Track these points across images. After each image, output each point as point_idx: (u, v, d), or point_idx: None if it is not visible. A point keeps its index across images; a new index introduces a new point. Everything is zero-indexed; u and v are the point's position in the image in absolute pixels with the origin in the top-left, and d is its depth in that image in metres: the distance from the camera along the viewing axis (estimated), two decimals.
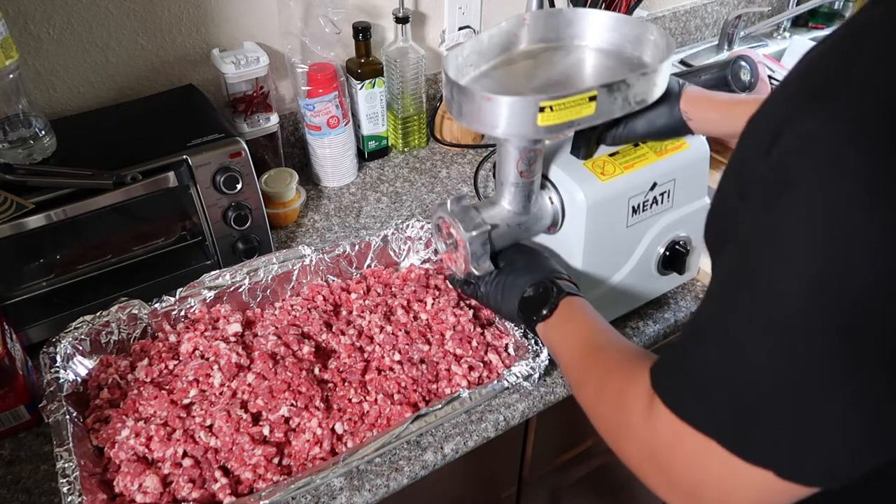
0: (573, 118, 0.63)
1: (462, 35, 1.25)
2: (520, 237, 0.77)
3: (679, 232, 0.82)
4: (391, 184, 1.14)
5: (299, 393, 0.73)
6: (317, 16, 0.99)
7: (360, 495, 0.69)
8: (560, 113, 0.62)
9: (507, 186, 0.73)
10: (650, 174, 0.77)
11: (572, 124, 0.64)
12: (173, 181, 0.79)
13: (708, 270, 0.93)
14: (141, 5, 0.94)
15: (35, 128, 0.78)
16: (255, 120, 1.04)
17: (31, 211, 0.72)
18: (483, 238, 0.71)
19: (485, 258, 0.73)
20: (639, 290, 0.85)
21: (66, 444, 0.65)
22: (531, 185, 0.73)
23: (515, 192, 0.73)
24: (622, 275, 0.82)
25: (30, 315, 0.80)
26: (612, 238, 0.78)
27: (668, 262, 0.83)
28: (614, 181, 0.75)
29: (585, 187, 0.74)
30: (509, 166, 0.71)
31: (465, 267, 0.73)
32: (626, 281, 0.82)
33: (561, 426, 0.95)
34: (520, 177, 0.71)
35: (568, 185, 0.75)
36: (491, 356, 0.78)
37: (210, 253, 0.90)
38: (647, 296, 0.88)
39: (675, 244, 0.82)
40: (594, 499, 1.25)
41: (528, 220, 0.76)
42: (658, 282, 0.86)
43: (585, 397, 0.58)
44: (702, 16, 1.61)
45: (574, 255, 0.78)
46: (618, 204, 0.76)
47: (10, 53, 0.73)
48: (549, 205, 0.77)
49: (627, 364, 0.54)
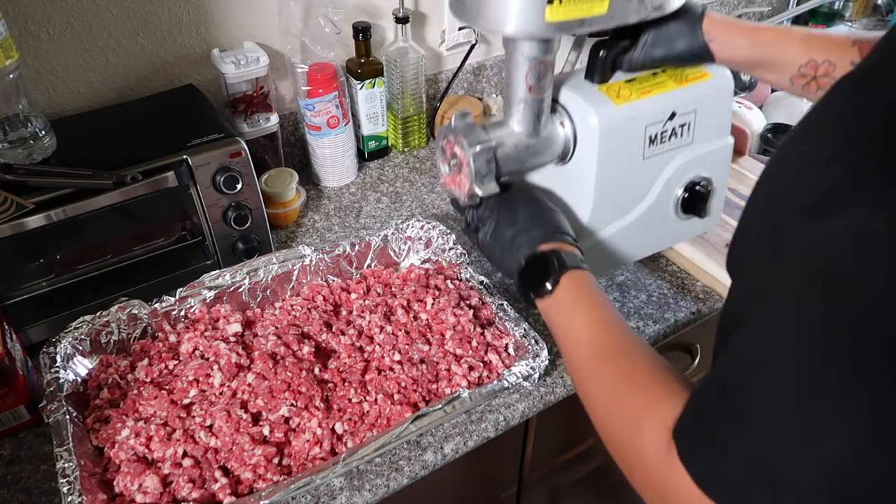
0: (584, 15, 0.59)
1: (462, 35, 1.25)
2: (528, 162, 0.72)
3: (700, 172, 0.76)
4: (391, 184, 1.14)
5: (299, 393, 0.73)
6: (317, 16, 0.99)
7: (360, 495, 0.69)
8: (569, 7, 0.58)
9: (514, 104, 0.68)
10: (669, 102, 0.72)
11: (583, 23, 0.60)
12: (173, 181, 0.79)
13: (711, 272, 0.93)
14: (141, 5, 0.94)
15: (35, 128, 0.78)
16: (255, 120, 1.04)
17: (31, 211, 0.72)
18: (488, 155, 0.67)
19: (490, 177, 0.68)
20: (656, 234, 0.80)
21: (66, 444, 0.65)
22: (541, 103, 0.68)
23: (524, 110, 0.68)
24: (637, 214, 0.76)
25: (30, 315, 0.80)
26: (627, 170, 0.73)
27: (687, 205, 0.77)
28: (631, 105, 0.70)
29: (599, 109, 0.68)
30: (518, 80, 0.66)
31: (469, 188, 0.68)
32: (641, 221, 0.77)
33: (561, 426, 0.95)
34: (528, 92, 0.67)
35: (580, 107, 0.70)
36: (491, 356, 0.78)
37: (210, 253, 0.90)
38: (665, 241, 0.82)
39: (694, 185, 0.76)
40: (594, 499, 1.25)
41: (536, 144, 0.70)
42: (677, 226, 0.80)
43: (594, 403, 0.55)
44: None
45: (585, 189, 0.72)
46: (634, 131, 0.71)
47: (10, 53, 0.73)
48: (560, 129, 0.72)
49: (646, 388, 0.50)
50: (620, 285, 0.93)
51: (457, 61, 1.27)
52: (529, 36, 0.63)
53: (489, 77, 1.34)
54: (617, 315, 0.60)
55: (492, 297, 0.84)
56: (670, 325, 0.87)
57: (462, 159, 0.68)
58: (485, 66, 1.32)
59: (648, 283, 0.93)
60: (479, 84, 1.34)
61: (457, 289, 0.85)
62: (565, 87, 0.71)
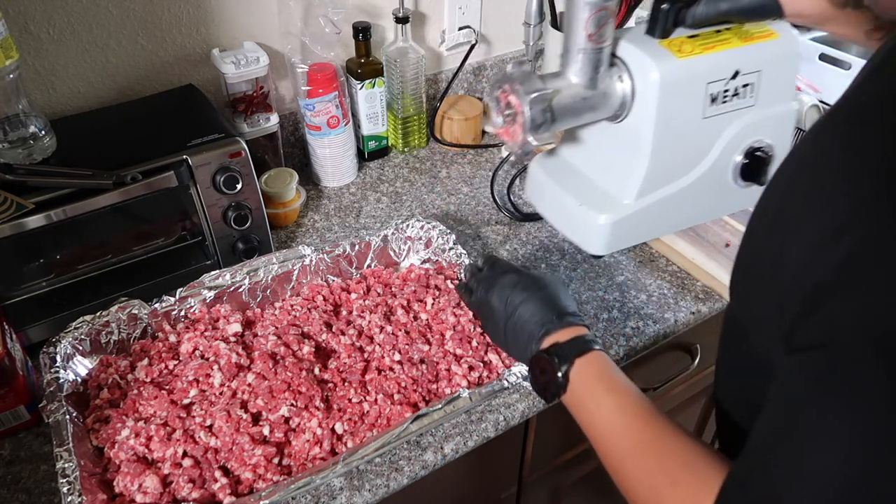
0: None
1: (462, 35, 1.25)
2: (583, 116, 0.70)
3: (762, 137, 0.73)
4: (391, 184, 1.14)
5: (299, 393, 0.73)
6: (317, 16, 0.99)
7: (360, 495, 0.69)
8: None
9: (573, 54, 0.67)
10: (733, 59, 0.69)
11: None
12: (173, 181, 0.79)
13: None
14: (141, 5, 0.94)
15: (35, 128, 0.78)
16: (255, 120, 1.04)
17: (31, 211, 0.72)
18: (544, 103, 0.66)
19: (545, 128, 0.67)
20: (709, 202, 0.77)
21: (66, 444, 0.65)
22: (599, 53, 0.67)
23: (583, 59, 0.67)
24: (692, 178, 0.74)
25: (30, 315, 0.80)
26: (686, 130, 0.71)
27: (747, 171, 0.74)
28: (693, 60, 0.67)
29: (660, 63, 0.66)
30: (577, 28, 0.65)
31: (523, 139, 0.67)
32: (696, 186, 0.74)
33: (561, 426, 0.95)
34: (588, 41, 0.65)
35: (640, 60, 0.68)
36: (491, 356, 0.79)
37: (210, 253, 0.90)
38: (717, 211, 0.80)
39: (755, 150, 0.73)
40: (594, 499, 1.25)
41: (593, 97, 0.69)
42: (732, 195, 0.77)
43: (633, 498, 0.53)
44: None
45: (641, 147, 0.70)
46: (695, 87, 0.69)
47: (10, 53, 0.73)
48: (619, 84, 0.70)
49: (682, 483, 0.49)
50: (620, 285, 0.93)
51: (457, 61, 1.27)
52: None
53: (489, 77, 1.34)
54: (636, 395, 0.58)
55: None
56: (670, 325, 0.87)
57: (517, 108, 0.67)
58: (485, 66, 1.32)
59: (648, 283, 0.93)
60: (479, 84, 1.34)
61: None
62: (625, 40, 0.70)
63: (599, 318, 0.88)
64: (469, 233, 1.03)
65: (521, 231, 1.03)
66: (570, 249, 0.99)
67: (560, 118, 0.68)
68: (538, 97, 0.65)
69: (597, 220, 0.73)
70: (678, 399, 1.15)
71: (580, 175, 0.78)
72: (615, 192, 0.74)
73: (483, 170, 1.17)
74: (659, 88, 0.66)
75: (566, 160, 0.80)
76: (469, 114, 1.20)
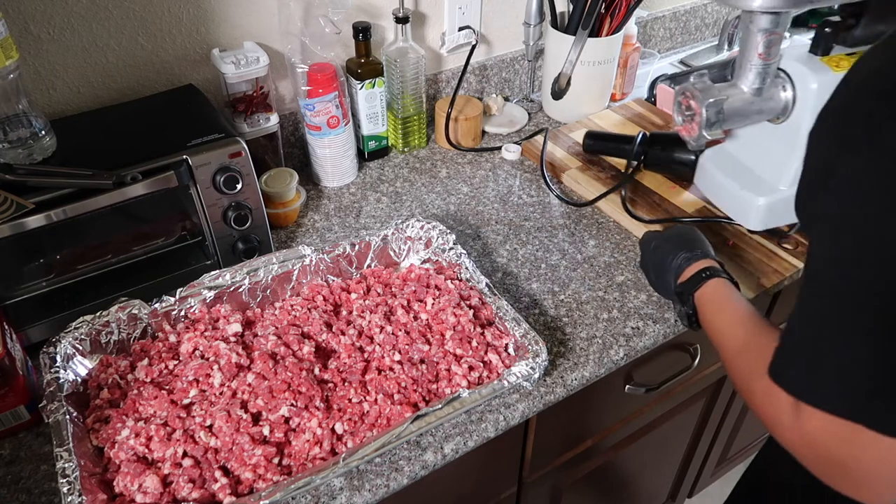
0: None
1: (462, 35, 1.25)
2: (750, 115, 0.85)
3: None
4: (391, 184, 1.14)
5: (299, 393, 0.73)
6: (317, 16, 0.99)
7: (360, 495, 0.69)
8: None
9: (745, 68, 0.82)
10: None
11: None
12: (173, 181, 0.79)
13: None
14: (141, 5, 0.94)
15: (35, 128, 0.78)
16: (255, 120, 1.04)
17: (31, 211, 0.72)
18: (718, 107, 0.81)
19: (718, 126, 0.82)
20: None
21: (66, 444, 0.65)
22: (767, 68, 0.81)
23: (753, 73, 0.81)
24: None
25: (30, 315, 0.80)
26: None
27: None
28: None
29: (819, 75, 0.81)
30: (750, 49, 0.79)
31: (699, 133, 0.83)
32: None
33: (561, 426, 0.95)
34: (758, 58, 0.80)
35: (802, 73, 0.83)
36: (491, 356, 0.79)
37: (210, 253, 0.90)
38: None
39: None
40: (594, 499, 1.25)
41: (759, 102, 0.84)
42: None
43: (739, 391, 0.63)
44: (702, 16, 1.61)
45: (797, 145, 0.86)
46: None
47: (11, 53, 0.73)
48: (782, 93, 0.85)
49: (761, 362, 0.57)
50: (620, 285, 0.93)
51: (456, 61, 1.27)
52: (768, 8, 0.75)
53: (489, 77, 1.34)
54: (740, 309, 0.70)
55: (492, 297, 0.84)
56: (670, 325, 0.87)
57: (696, 110, 0.83)
58: (485, 66, 1.32)
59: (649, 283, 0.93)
60: (479, 84, 1.34)
61: (457, 289, 0.85)
62: (790, 57, 0.84)
63: (599, 318, 0.88)
64: (469, 233, 1.03)
65: (521, 231, 1.03)
66: (569, 250, 0.99)
67: (730, 119, 0.83)
68: (714, 101, 0.81)
69: (756, 201, 0.91)
70: (678, 399, 1.15)
71: (741, 165, 0.96)
72: (772, 179, 0.92)
73: (483, 170, 1.17)
74: (816, 96, 0.82)
75: (730, 153, 0.99)
76: (469, 114, 1.20)
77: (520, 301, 0.91)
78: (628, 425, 1.09)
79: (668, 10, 1.55)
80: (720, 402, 1.28)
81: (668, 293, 0.84)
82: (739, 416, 1.40)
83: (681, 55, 1.57)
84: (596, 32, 1.19)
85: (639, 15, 1.49)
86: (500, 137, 1.27)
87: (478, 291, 0.85)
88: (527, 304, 0.90)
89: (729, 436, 1.45)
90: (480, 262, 0.97)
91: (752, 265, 0.94)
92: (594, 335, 0.85)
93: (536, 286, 0.93)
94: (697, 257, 0.79)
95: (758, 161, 0.94)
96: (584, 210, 1.07)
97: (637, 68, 1.38)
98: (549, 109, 1.33)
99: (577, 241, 1.01)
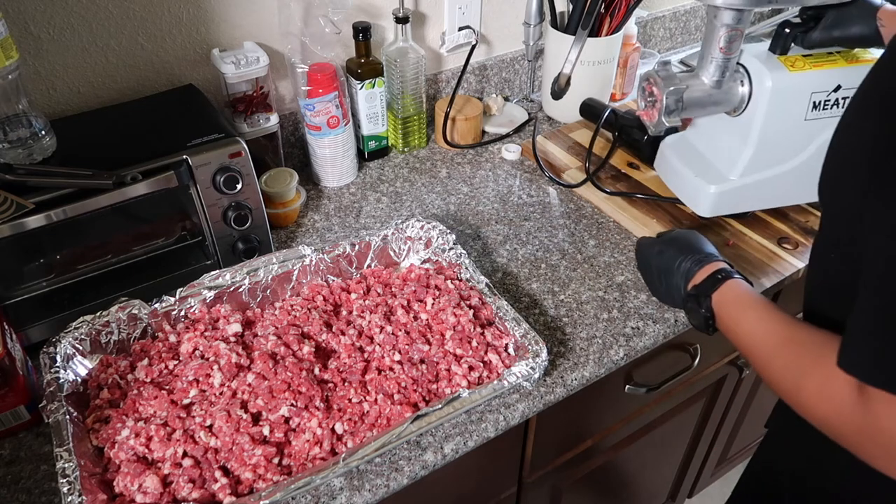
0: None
1: (462, 35, 1.25)
2: (708, 106, 0.89)
3: None
4: (391, 184, 1.14)
5: (299, 393, 0.73)
6: (317, 16, 0.99)
7: (360, 495, 0.69)
8: None
9: (706, 61, 0.86)
10: (837, 76, 0.86)
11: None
12: (173, 181, 0.79)
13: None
14: (141, 5, 0.94)
15: (35, 128, 0.78)
16: (255, 120, 1.04)
17: (31, 211, 0.72)
18: (678, 95, 0.85)
19: (676, 114, 0.86)
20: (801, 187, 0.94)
21: (66, 444, 0.65)
22: (727, 62, 0.85)
23: (713, 66, 0.86)
24: (790, 166, 0.91)
25: (30, 315, 0.80)
26: (789, 127, 0.88)
27: None
28: (802, 73, 0.85)
29: (774, 74, 0.85)
30: (712, 42, 0.84)
31: (658, 119, 0.87)
32: (794, 173, 0.91)
33: (561, 426, 0.95)
34: (719, 52, 0.84)
35: (759, 70, 0.86)
36: (491, 356, 0.79)
37: (210, 253, 0.90)
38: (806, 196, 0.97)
39: None
40: (594, 499, 1.25)
41: (718, 94, 0.88)
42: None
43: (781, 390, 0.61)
44: (702, 16, 1.61)
45: (750, 137, 0.90)
46: (800, 95, 0.86)
47: (11, 53, 0.73)
48: (740, 88, 0.88)
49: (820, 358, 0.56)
50: (620, 285, 0.93)
51: (456, 61, 1.27)
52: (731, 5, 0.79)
53: (489, 77, 1.34)
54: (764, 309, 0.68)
55: (492, 297, 0.84)
56: (670, 325, 0.87)
57: (657, 97, 0.86)
58: (485, 66, 1.32)
59: None
60: (478, 84, 1.34)
61: (457, 289, 0.85)
62: (750, 53, 0.88)
63: (599, 318, 0.88)
64: (469, 233, 1.03)
65: (521, 231, 1.03)
66: (569, 250, 0.99)
67: (689, 108, 0.88)
68: (674, 90, 0.85)
69: (708, 189, 0.94)
70: (678, 399, 1.15)
71: (698, 154, 1.00)
72: (724, 169, 0.94)
73: (483, 170, 1.17)
74: (770, 93, 0.85)
75: (689, 142, 1.03)
76: (469, 114, 1.20)
77: (520, 301, 0.91)
78: (628, 425, 1.09)
79: (668, 10, 1.55)
80: (720, 402, 1.28)
81: (674, 299, 0.82)
82: (739, 416, 1.40)
83: (681, 55, 1.57)
84: (596, 32, 1.19)
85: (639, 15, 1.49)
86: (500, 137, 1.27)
87: (478, 291, 0.85)
88: (527, 304, 0.90)
89: (729, 436, 1.45)
90: (480, 262, 0.97)
91: (752, 265, 0.95)
92: (594, 335, 0.86)
93: (536, 286, 0.93)
94: (708, 260, 0.78)
95: (713, 151, 0.98)
96: (585, 210, 1.07)
97: (637, 68, 1.38)
98: (549, 109, 1.33)
99: (577, 241, 1.01)
